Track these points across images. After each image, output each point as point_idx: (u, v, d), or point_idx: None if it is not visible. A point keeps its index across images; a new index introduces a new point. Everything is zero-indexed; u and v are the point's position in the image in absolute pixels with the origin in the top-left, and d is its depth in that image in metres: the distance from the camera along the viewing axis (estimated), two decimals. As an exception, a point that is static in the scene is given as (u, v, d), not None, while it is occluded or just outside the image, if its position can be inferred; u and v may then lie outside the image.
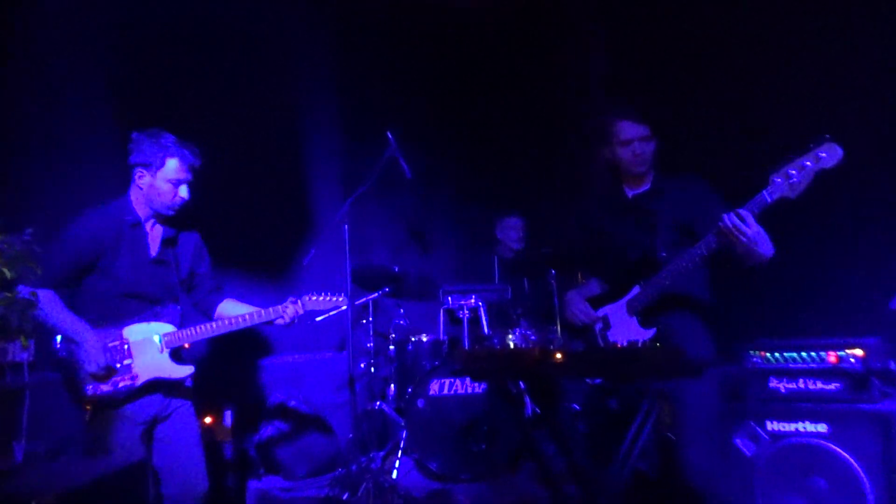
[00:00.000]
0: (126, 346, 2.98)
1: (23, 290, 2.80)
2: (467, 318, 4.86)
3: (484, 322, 4.96)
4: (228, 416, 4.36)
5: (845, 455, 3.11)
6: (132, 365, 2.97)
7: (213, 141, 3.32)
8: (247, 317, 3.19)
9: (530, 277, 5.44)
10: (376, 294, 5.00)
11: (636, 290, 3.00)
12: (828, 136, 2.47)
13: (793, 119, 3.95)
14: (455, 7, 6.76)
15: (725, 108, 4.49)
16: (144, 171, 3.03)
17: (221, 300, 3.33)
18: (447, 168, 6.53)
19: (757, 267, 2.78)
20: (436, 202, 6.48)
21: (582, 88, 5.91)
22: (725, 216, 2.59)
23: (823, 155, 2.45)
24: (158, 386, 3.03)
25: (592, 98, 5.83)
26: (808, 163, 2.47)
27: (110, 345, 2.95)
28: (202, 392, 3.28)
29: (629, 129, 3.08)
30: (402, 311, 5.30)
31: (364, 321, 5.09)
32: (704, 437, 2.94)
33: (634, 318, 2.99)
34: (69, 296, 2.98)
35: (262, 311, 3.22)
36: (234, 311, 3.27)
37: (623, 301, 3.05)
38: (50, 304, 2.89)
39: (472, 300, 4.94)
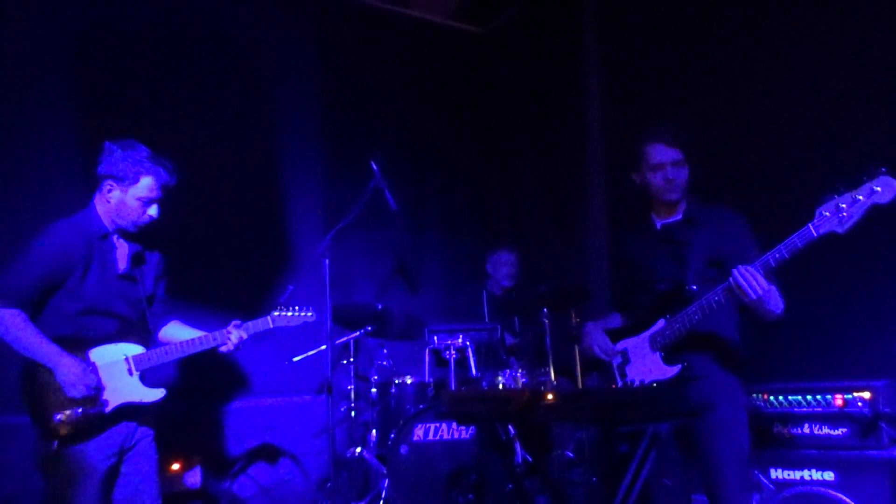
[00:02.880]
0: (94, 370, 2.95)
1: None
2: (454, 359, 4.82)
3: (472, 363, 4.93)
4: (198, 473, 4.31)
5: (854, 505, 3.11)
6: (103, 390, 2.95)
7: (186, 167, 3.33)
8: (196, 341, 3.19)
9: (522, 316, 5.43)
10: (358, 333, 4.98)
11: (661, 323, 2.92)
12: (884, 168, 2.39)
13: (834, 152, 3.94)
14: (444, 34, 6.90)
15: (764, 134, 4.47)
16: (115, 185, 3.05)
17: (167, 322, 3.33)
18: (435, 200, 6.58)
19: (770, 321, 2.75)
20: (423, 236, 6.50)
21: (579, 115, 5.98)
22: (733, 274, 2.58)
23: (878, 189, 2.37)
24: (128, 412, 3.01)
25: (590, 126, 5.90)
26: (861, 196, 2.39)
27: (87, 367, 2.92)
28: (169, 437, 3.25)
29: (661, 153, 3.03)
30: (385, 351, 5.27)
31: (345, 362, 5.06)
32: (740, 487, 2.83)
33: (658, 353, 2.90)
34: (34, 315, 2.94)
35: (210, 336, 3.22)
36: (177, 334, 3.27)
37: (645, 335, 2.96)
38: (17, 326, 2.87)
39: (460, 340, 4.91)
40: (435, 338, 4.98)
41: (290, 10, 5.93)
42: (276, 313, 3.39)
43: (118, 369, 3.00)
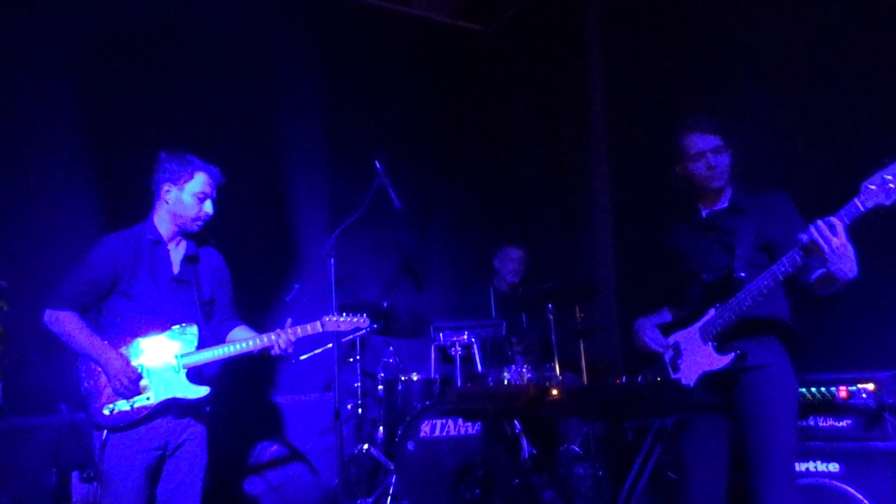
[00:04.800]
0: (143, 366, 3.07)
1: (46, 314, 3.06)
2: (460, 356, 4.83)
3: (477, 359, 4.93)
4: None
5: (859, 496, 3.10)
6: (148, 385, 3.05)
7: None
8: (251, 341, 3.23)
9: (529, 312, 5.42)
10: (364, 331, 4.97)
11: (711, 313, 2.86)
12: None
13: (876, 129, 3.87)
14: (447, 32, 6.89)
15: (777, 123, 4.40)
16: (171, 186, 3.20)
17: (234, 327, 3.41)
18: (439, 198, 6.58)
19: (835, 294, 2.67)
20: (428, 234, 6.49)
21: (582, 112, 5.97)
22: (813, 225, 2.48)
23: None
24: (174, 408, 3.10)
25: (594, 122, 5.88)
26: None
27: (131, 363, 3.05)
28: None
29: (699, 142, 2.98)
30: (391, 349, 5.27)
31: (351, 360, 5.05)
32: (787, 481, 2.77)
33: (710, 343, 2.85)
34: (95, 317, 3.13)
35: (264, 336, 3.25)
36: (240, 337, 3.31)
37: (696, 326, 2.91)
38: (71, 325, 3.05)
39: (465, 336, 4.91)
40: (440, 335, 4.99)
41: (294, 11, 5.93)
42: (327, 318, 3.39)
43: (167, 366, 3.10)
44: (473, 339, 4.93)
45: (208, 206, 3.25)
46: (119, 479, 2.97)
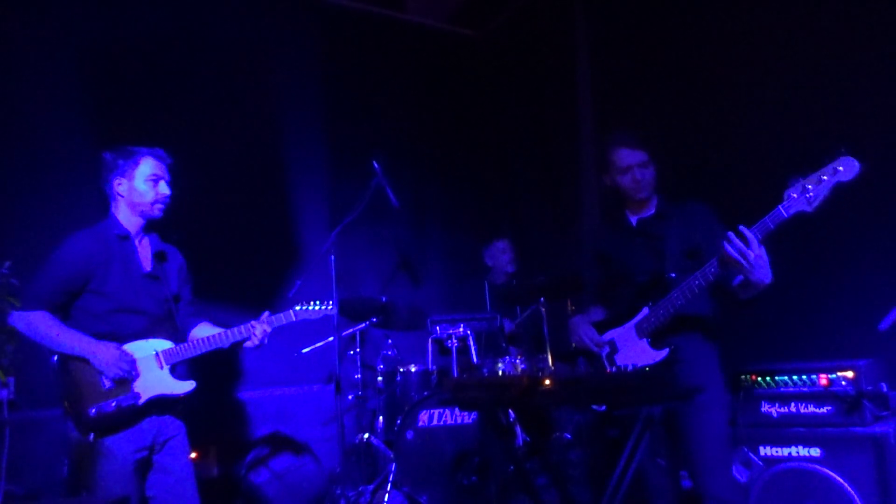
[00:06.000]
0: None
1: (14, 315, 2.92)
2: (456, 348, 4.82)
3: (473, 351, 4.92)
4: (214, 462, 4.31)
5: (839, 480, 3.11)
6: (134, 384, 2.96)
7: (196, 170, 3.33)
8: (222, 335, 3.17)
9: (522, 305, 5.43)
10: (364, 325, 4.97)
11: (645, 311, 2.96)
12: (843, 149, 2.47)
13: (802, 139, 3.99)
14: (441, 37, 6.88)
15: (733, 130, 4.54)
16: (122, 179, 3.09)
17: (196, 324, 3.32)
18: (435, 197, 6.58)
19: (754, 299, 2.78)
20: (424, 231, 6.49)
21: (571, 114, 5.98)
22: (727, 243, 2.59)
23: (841, 168, 2.45)
24: (159, 405, 3.02)
25: (582, 124, 5.90)
26: (826, 176, 2.47)
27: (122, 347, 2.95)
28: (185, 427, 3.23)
29: (627, 157, 3.11)
30: (390, 341, 5.27)
31: (351, 352, 5.05)
32: (722, 465, 2.93)
33: (644, 340, 2.95)
34: (63, 319, 2.98)
35: (236, 329, 3.19)
36: (205, 334, 3.23)
37: (630, 324, 3.01)
38: (46, 325, 2.91)
39: (461, 329, 4.90)
40: (437, 328, 4.98)
41: (294, 18, 5.92)
42: (298, 307, 3.36)
43: (149, 363, 3.01)
44: (469, 332, 4.92)
45: (163, 188, 3.13)
46: (109, 485, 2.82)
